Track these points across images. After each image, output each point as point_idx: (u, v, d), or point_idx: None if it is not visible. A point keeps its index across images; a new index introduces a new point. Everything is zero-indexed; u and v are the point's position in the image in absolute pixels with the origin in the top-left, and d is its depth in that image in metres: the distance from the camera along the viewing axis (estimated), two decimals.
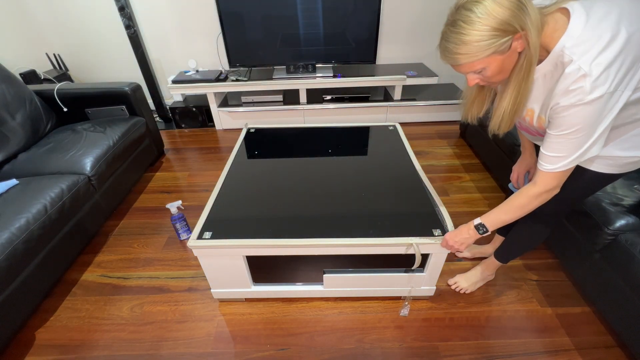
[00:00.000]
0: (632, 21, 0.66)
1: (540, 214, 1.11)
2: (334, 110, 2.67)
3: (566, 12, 0.71)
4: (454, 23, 0.70)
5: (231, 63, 2.57)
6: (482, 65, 0.73)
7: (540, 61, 0.76)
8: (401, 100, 2.67)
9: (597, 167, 0.92)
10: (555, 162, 0.80)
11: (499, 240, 1.46)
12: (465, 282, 1.38)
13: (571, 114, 0.71)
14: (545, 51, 0.74)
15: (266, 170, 1.50)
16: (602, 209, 1.18)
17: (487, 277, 1.40)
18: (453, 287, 1.40)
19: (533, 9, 0.67)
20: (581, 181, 0.97)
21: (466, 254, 1.53)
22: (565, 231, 1.35)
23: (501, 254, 1.32)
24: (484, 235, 0.99)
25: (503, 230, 1.42)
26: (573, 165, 0.80)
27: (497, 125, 0.85)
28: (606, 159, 0.88)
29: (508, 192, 1.30)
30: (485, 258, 1.43)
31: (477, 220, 0.99)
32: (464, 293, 1.38)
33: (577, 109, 0.70)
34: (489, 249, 1.49)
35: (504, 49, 0.69)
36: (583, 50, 0.67)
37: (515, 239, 1.24)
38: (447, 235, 1.06)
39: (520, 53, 0.73)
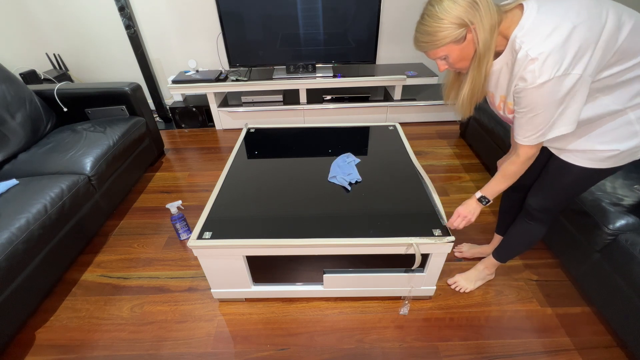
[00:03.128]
0: (580, 14, 0.73)
1: (535, 212, 1.13)
2: (334, 110, 2.67)
3: (522, 8, 0.80)
4: (422, 16, 0.83)
5: (231, 63, 2.57)
6: (443, 52, 0.85)
7: (502, 52, 0.86)
8: (401, 100, 2.67)
9: (580, 161, 0.95)
10: (523, 135, 0.88)
11: (497, 240, 1.47)
12: (465, 281, 1.39)
13: (526, 96, 0.80)
14: (505, 42, 0.84)
15: (266, 170, 1.50)
16: (602, 209, 1.18)
17: (487, 276, 1.40)
18: (453, 286, 1.40)
19: (487, 7, 0.77)
20: (569, 178, 1.01)
21: (466, 254, 1.53)
22: (565, 231, 1.35)
23: (499, 253, 1.32)
24: (486, 205, 1.10)
25: (501, 230, 1.43)
26: (541, 140, 0.86)
27: (459, 108, 0.97)
28: (587, 152, 0.93)
29: (507, 192, 1.31)
30: (484, 258, 1.43)
31: (478, 194, 1.09)
32: (464, 292, 1.38)
33: (530, 91, 0.78)
34: (488, 249, 1.49)
35: (460, 40, 0.81)
36: (530, 38, 0.76)
37: (512, 238, 1.26)
38: (458, 208, 1.14)
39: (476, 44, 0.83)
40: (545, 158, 1.07)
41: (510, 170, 0.98)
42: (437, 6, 0.79)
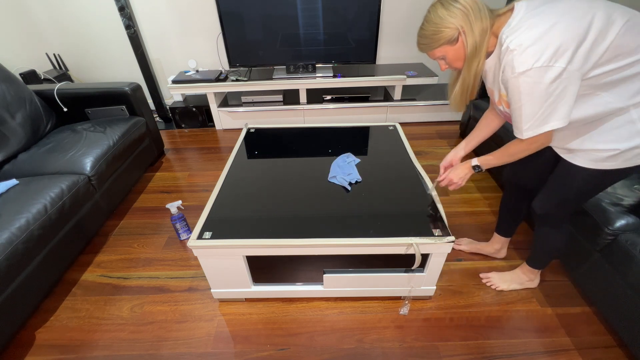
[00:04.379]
0: (564, 12, 0.78)
1: (547, 217, 1.14)
2: (334, 110, 2.67)
3: (513, 11, 0.87)
4: (422, 22, 0.93)
5: (231, 63, 2.57)
6: (440, 53, 0.94)
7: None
8: (401, 100, 2.67)
9: (582, 162, 0.96)
10: (518, 128, 0.90)
11: (496, 239, 1.48)
12: (499, 279, 1.39)
13: (511, 86, 0.84)
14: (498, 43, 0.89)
15: (266, 170, 1.50)
16: (602, 209, 1.18)
17: (526, 282, 1.37)
18: (484, 280, 1.41)
19: (478, 13, 0.85)
20: (573, 181, 1.01)
21: (463, 248, 1.55)
22: None
23: (530, 260, 1.33)
24: (478, 173, 1.13)
25: (500, 230, 1.44)
26: (536, 132, 0.87)
27: (452, 103, 1.05)
28: (589, 152, 0.93)
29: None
30: (482, 255, 1.50)
31: (474, 161, 1.11)
32: (495, 289, 1.38)
33: (512, 81, 0.83)
34: (487, 247, 1.51)
35: (453, 42, 0.90)
36: (511, 33, 0.81)
37: (538, 245, 1.26)
38: (449, 172, 1.16)
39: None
40: (552, 163, 1.08)
41: (512, 149, 0.99)
42: (433, 13, 0.89)
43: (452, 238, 1.11)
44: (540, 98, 0.81)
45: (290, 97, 2.73)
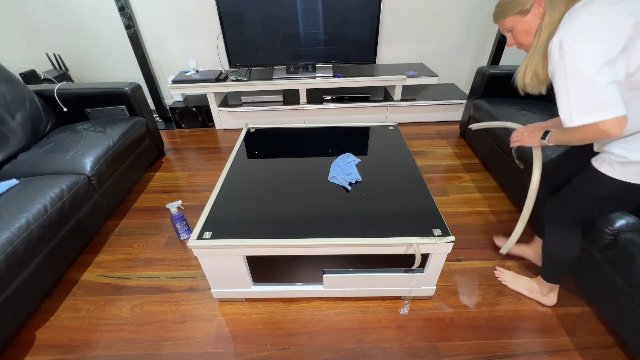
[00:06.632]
0: (606, 14, 0.77)
1: (562, 220, 1.12)
2: (334, 110, 2.67)
3: None
4: None
5: (231, 63, 2.57)
6: (510, 23, 0.94)
7: None
8: (401, 100, 2.67)
9: (599, 164, 0.96)
10: (565, 116, 0.85)
11: (537, 243, 1.43)
12: (510, 276, 1.39)
13: (553, 68, 0.84)
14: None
15: (266, 170, 1.50)
16: None
17: (535, 291, 1.33)
18: (496, 273, 1.42)
19: None
20: (585, 183, 1.01)
21: (504, 251, 1.48)
22: None
23: (541, 270, 1.29)
24: (542, 141, 1.08)
25: (537, 231, 1.42)
26: (584, 120, 0.82)
27: (520, 81, 0.99)
28: (608, 153, 0.93)
29: (508, 192, 1.30)
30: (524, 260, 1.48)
31: (545, 136, 1.06)
32: (501, 282, 1.39)
33: (553, 64, 0.83)
34: (528, 250, 1.47)
35: (525, 11, 0.89)
36: (566, 23, 0.81)
37: (547, 253, 1.22)
38: (523, 136, 1.17)
39: (541, 20, 0.89)
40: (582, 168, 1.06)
41: (585, 131, 0.89)
42: None
43: (452, 238, 1.11)
44: (572, 79, 0.81)
45: (290, 97, 2.73)
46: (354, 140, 1.72)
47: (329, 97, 2.70)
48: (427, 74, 2.59)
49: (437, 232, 1.13)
